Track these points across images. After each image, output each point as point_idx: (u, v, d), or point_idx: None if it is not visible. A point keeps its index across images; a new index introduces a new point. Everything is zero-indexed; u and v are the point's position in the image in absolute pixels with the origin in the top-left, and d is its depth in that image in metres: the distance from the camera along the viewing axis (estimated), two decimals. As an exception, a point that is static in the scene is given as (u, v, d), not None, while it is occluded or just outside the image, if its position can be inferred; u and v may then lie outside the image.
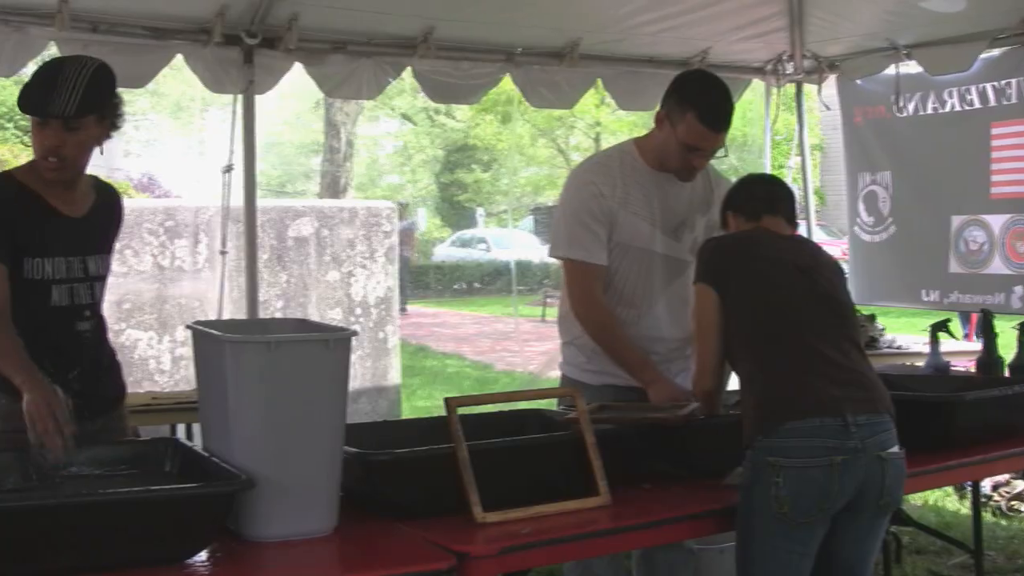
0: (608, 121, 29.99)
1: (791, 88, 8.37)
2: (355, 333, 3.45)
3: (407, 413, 11.24)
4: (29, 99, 3.79)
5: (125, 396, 4.28)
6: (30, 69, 6.44)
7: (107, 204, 4.12)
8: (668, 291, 4.71)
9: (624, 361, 4.56)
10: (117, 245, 4.21)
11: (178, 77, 26.58)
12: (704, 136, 4.46)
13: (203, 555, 3.10)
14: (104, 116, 3.86)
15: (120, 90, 4.00)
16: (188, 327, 3.59)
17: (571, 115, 29.01)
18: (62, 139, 3.77)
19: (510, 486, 3.54)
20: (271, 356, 3.20)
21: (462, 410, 3.58)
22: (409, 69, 7.02)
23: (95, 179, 4.15)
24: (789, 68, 8.00)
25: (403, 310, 23.97)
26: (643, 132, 4.83)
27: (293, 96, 34.99)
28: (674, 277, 4.71)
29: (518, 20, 6.87)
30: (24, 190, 3.88)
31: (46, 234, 3.88)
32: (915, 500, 7.75)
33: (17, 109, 4.03)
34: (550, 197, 33.96)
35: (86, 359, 4.00)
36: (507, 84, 7.55)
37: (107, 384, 4.15)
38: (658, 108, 4.61)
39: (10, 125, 18.21)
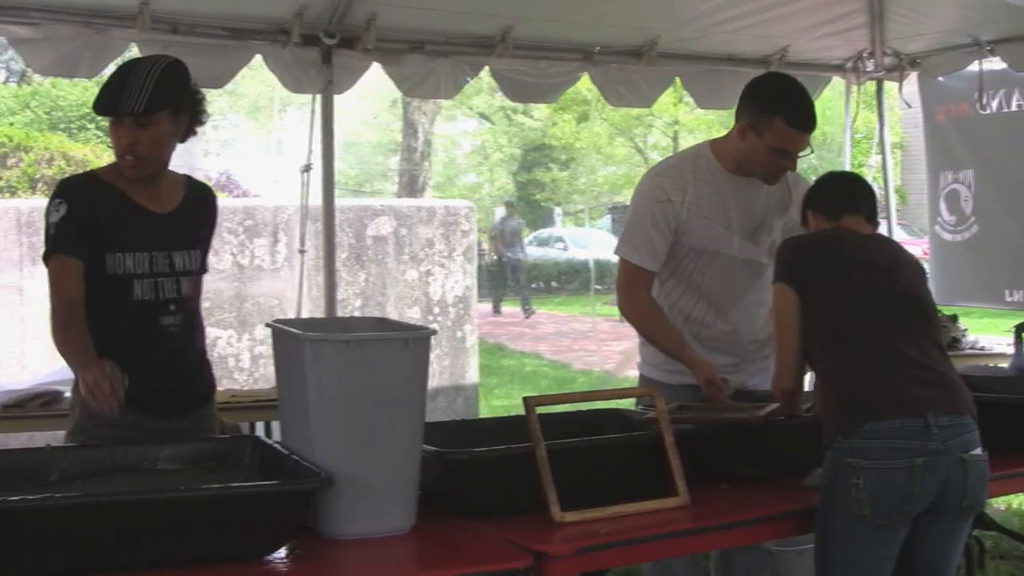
0: (686, 119, 29.88)
1: (871, 86, 8.29)
2: (434, 332, 3.46)
3: (484, 412, 11.24)
4: (101, 100, 3.87)
5: (215, 393, 4.32)
6: (111, 71, 6.53)
7: (198, 201, 4.17)
8: (747, 294, 4.69)
9: (665, 347, 4.59)
10: (202, 244, 4.25)
11: (256, 77, 26.77)
12: (794, 139, 4.43)
13: (282, 552, 3.13)
14: (178, 111, 3.91)
15: (205, 90, 4.04)
16: (268, 325, 3.61)
17: (649, 114, 28.92)
18: (136, 136, 3.84)
19: (588, 486, 3.53)
20: (351, 355, 3.21)
21: (540, 409, 3.58)
22: (487, 68, 7.02)
23: (188, 178, 4.22)
24: (869, 65, 7.91)
25: (496, 311, 23.57)
26: (722, 130, 4.80)
27: (371, 96, 35.14)
28: (752, 280, 4.69)
29: (596, 18, 6.85)
30: (107, 187, 3.95)
31: (129, 229, 3.93)
32: (999, 504, 7.65)
33: None
34: (627, 196, 33.81)
35: (170, 354, 4.04)
36: (585, 83, 7.54)
37: (197, 381, 4.20)
38: (736, 119, 4.56)
39: (92, 126, 18.39)
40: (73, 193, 3.94)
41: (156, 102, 3.80)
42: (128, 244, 3.92)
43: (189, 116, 3.99)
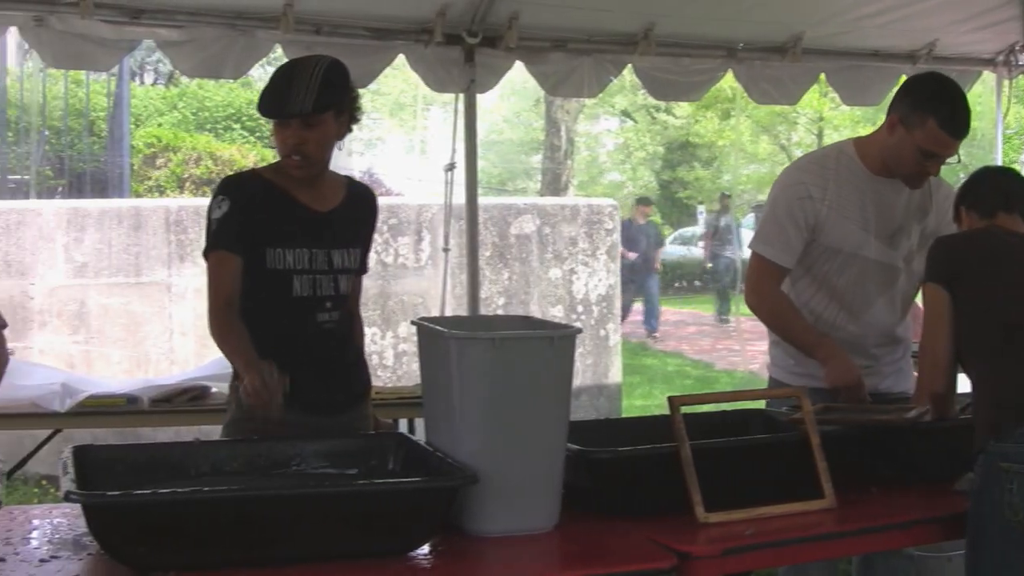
0: (831, 116, 29.47)
1: (1023, 80, 8.11)
2: (579, 330, 3.45)
3: (627, 411, 11.21)
4: (267, 102, 3.93)
5: (370, 392, 4.37)
6: (256, 72, 6.61)
7: (358, 201, 4.23)
8: (882, 297, 4.60)
9: (799, 342, 4.52)
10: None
11: (398, 76, 26.96)
12: (944, 143, 4.31)
13: (425, 548, 3.14)
14: (341, 111, 3.98)
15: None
16: (414, 323, 3.63)
17: (793, 111, 28.56)
18: (303, 137, 3.90)
19: (733, 486, 3.49)
20: (496, 353, 3.21)
21: (684, 409, 3.55)
22: (629, 66, 7.00)
23: (348, 178, 4.28)
24: (1022, 59, 7.73)
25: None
26: (868, 127, 4.72)
27: (513, 94, 35.25)
28: (888, 284, 4.60)
29: (740, 15, 6.79)
30: (269, 185, 4.03)
31: (290, 226, 4.01)
32: None
33: (244, 110, 4.16)
34: (774, 195, 33.48)
35: (327, 351, 4.10)
36: (728, 80, 7.48)
37: (353, 379, 4.26)
38: (888, 113, 4.47)
39: (237, 126, 18.69)
40: (236, 190, 4.03)
41: (322, 103, 3.87)
42: (289, 240, 3.99)
43: (349, 116, 4.06)
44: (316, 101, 3.84)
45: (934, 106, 4.30)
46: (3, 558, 3.05)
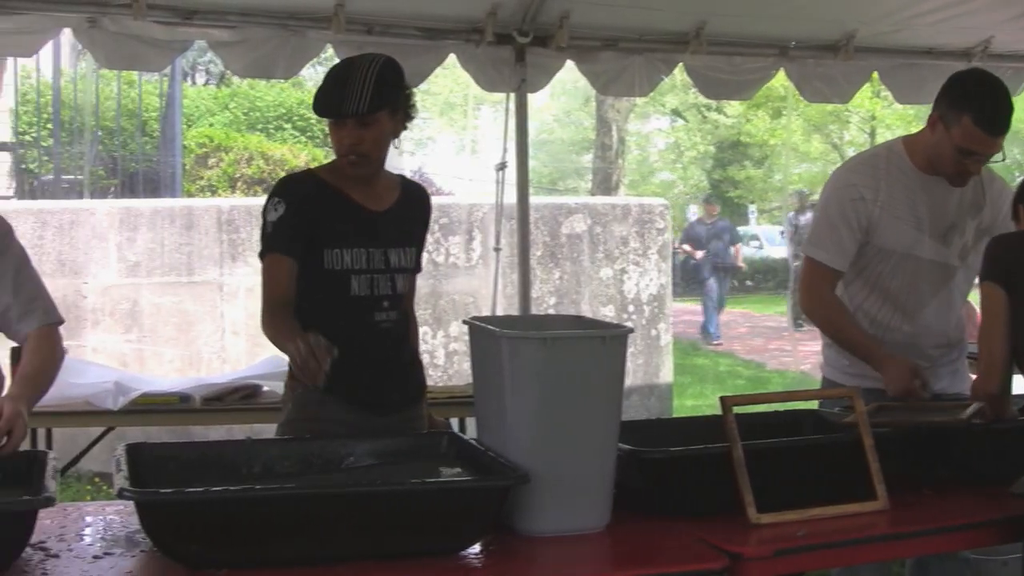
0: (883, 114, 29.29)
1: (1082, 77, 8.00)
2: (631, 330, 3.44)
3: (678, 411, 11.18)
4: (322, 102, 3.96)
5: (425, 392, 4.38)
6: (307, 72, 6.63)
7: (413, 200, 4.25)
8: (936, 297, 4.56)
9: (855, 348, 4.48)
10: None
11: (448, 75, 27.01)
12: (980, 140, 4.25)
13: (477, 548, 3.13)
14: (396, 109, 3.99)
15: None
16: (465, 322, 3.63)
17: (845, 109, 28.41)
18: (359, 136, 3.92)
19: (785, 487, 3.47)
20: (548, 352, 3.20)
21: (737, 409, 3.53)
22: (681, 65, 6.98)
23: (402, 177, 4.30)
24: (1079, 56, 7.64)
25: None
26: (920, 126, 4.66)
27: (563, 93, 35.26)
28: (942, 283, 4.56)
29: (791, 13, 6.74)
30: (325, 185, 4.05)
31: (346, 226, 4.03)
32: None
33: (295, 110, 4.18)
34: (824, 194, 33.35)
35: (383, 351, 4.12)
36: (779, 78, 7.43)
37: (408, 379, 4.26)
38: (932, 110, 4.44)
39: (288, 126, 18.77)
40: (292, 192, 4.04)
41: (377, 102, 3.88)
42: (345, 240, 4.01)
43: (403, 114, 4.08)
44: (371, 101, 3.85)
45: (970, 103, 4.25)
46: (57, 554, 3.07)
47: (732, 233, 21.28)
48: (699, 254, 20.32)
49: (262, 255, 4.00)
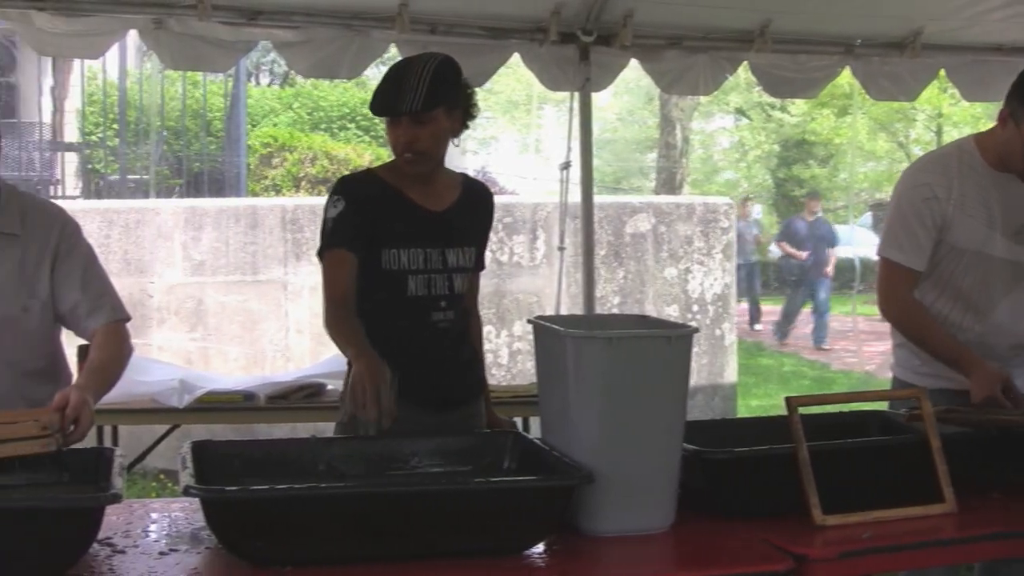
0: (950, 112, 29.02)
1: None
2: (696, 330, 3.42)
3: (742, 412, 11.13)
4: (379, 101, 3.96)
5: (485, 391, 4.38)
6: (370, 72, 6.65)
7: (474, 199, 4.24)
8: (1008, 296, 4.50)
9: (939, 353, 4.42)
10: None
11: (511, 74, 26.99)
12: None
13: (540, 547, 3.13)
14: (454, 107, 3.99)
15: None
16: (530, 322, 3.63)
17: (911, 107, 28.15)
18: (415, 134, 3.92)
19: (850, 489, 3.44)
20: (613, 352, 3.20)
21: (802, 409, 3.51)
22: (745, 63, 6.94)
23: (464, 176, 4.30)
24: None
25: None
26: (988, 124, 4.60)
27: (626, 92, 35.17)
28: (1014, 282, 4.50)
29: (857, 10, 6.67)
30: (384, 185, 4.06)
31: (404, 226, 4.04)
32: None
33: (358, 110, 4.20)
34: (889, 193, 33.04)
35: (440, 349, 4.12)
36: (845, 76, 7.37)
37: (466, 378, 4.27)
38: (1001, 105, 4.39)
39: (352, 125, 18.85)
40: (351, 190, 4.06)
41: (432, 99, 3.88)
42: (403, 240, 4.02)
43: (463, 112, 4.07)
44: (426, 98, 3.86)
45: None
46: (123, 550, 3.09)
47: (831, 235, 20.07)
48: (803, 255, 19.50)
49: (321, 252, 4.02)
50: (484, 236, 4.32)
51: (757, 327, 21.48)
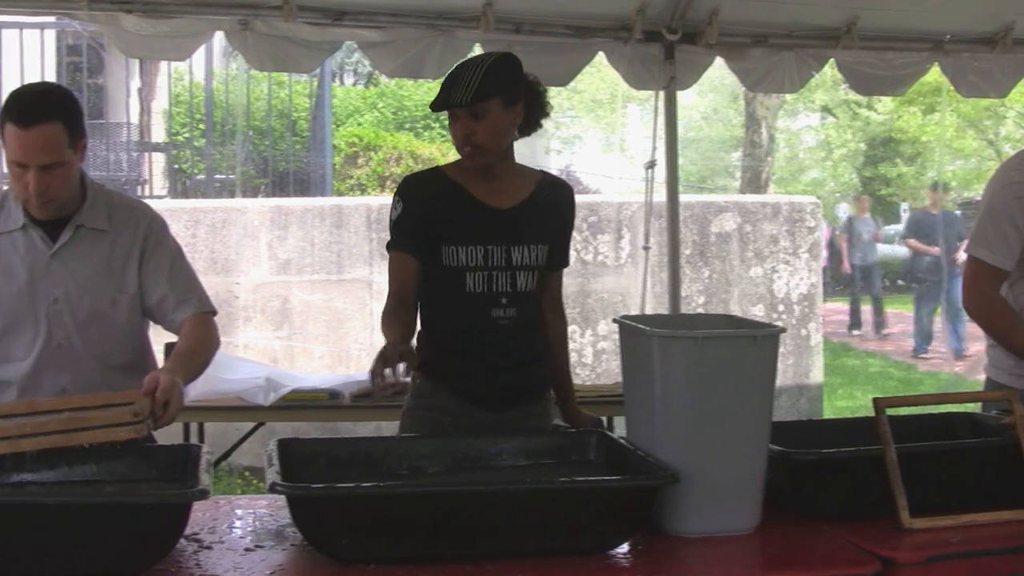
0: (1042, 108, 28.64)
1: None
2: (783, 330, 3.40)
3: (827, 413, 11.05)
4: (437, 97, 3.99)
5: (549, 392, 4.35)
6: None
7: (549, 197, 4.22)
8: None
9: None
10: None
11: (595, 73, 26.94)
12: None
13: (624, 547, 3.12)
14: (512, 101, 3.98)
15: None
16: (615, 321, 3.62)
17: (1001, 104, 27.76)
18: (470, 127, 3.93)
19: (939, 492, 3.40)
20: (699, 351, 3.19)
21: (889, 411, 3.47)
22: (831, 61, 6.88)
23: (543, 174, 4.28)
24: None
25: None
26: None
27: (711, 90, 34.99)
28: None
29: (946, 6, 6.59)
30: (448, 182, 4.08)
31: (464, 224, 4.04)
32: None
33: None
34: (978, 191, 32.66)
35: (500, 347, 4.11)
36: (933, 73, 7.28)
37: (529, 377, 4.23)
38: None
39: (436, 125, 18.88)
40: (410, 191, 4.09)
41: (485, 91, 3.88)
42: (462, 237, 4.03)
43: (527, 108, 4.07)
44: (477, 90, 3.87)
45: None
46: (209, 546, 3.12)
47: (960, 226, 18.89)
48: (934, 249, 18.20)
49: (388, 251, 4.10)
50: (562, 234, 4.30)
51: (884, 332, 20.26)
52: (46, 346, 3.83)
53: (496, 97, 3.92)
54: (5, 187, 3.91)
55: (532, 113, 4.12)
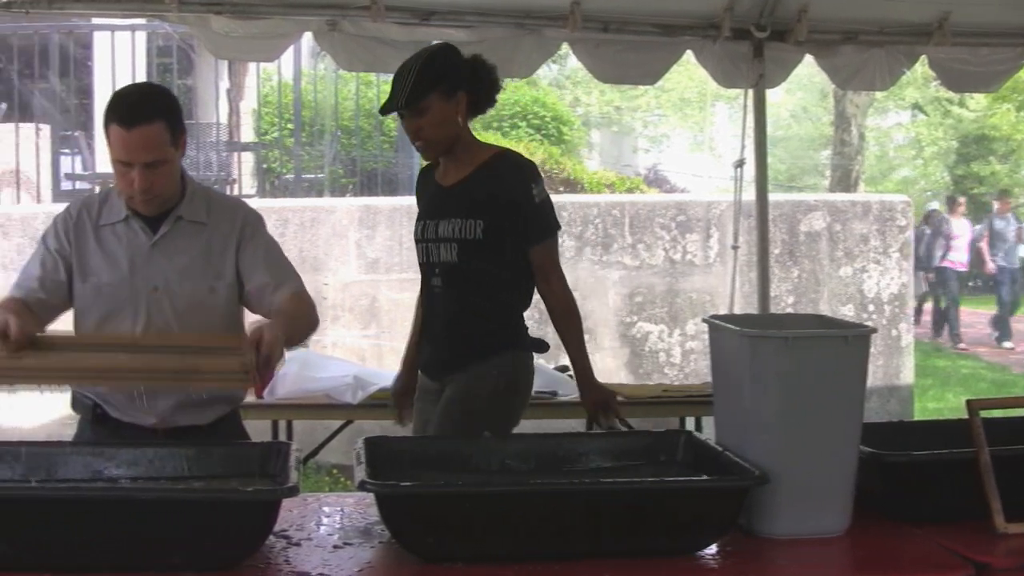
0: None
1: None
2: (874, 330, 3.38)
3: (918, 414, 10.92)
4: (384, 103, 4.34)
5: (485, 359, 4.41)
6: (542, 71, 6.66)
7: (492, 174, 4.40)
8: None
9: None
10: (629, 239, 4.35)
11: (682, 72, 26.83)
12: None
13: (713, 548, 3.11)
14: (451, 91, 4.27)
15: (626, 87, 4.14)
16: (704, 320, 3.61)
17: (1097, 101, 27.41)
18: (417, 125, 4.28)
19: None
20: (790, 352, 3.17)
21: (983, 413, 3.42)
22: (923, 58, 6.79)
23: (497, 152, 4.49)
24: None
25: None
26: None
27: (799, 88, 34.73)
28: None
29: (1042, 0, 6.50)
30: (432, 166, 4.59)
31: (422, 201, 4.58)
32: None
33: (529, 108, 4.31)
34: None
35: (435, 315, 4.49)
36: (1027, 69, 7.18)
37: (453, 345, 4.45)
38: None
39: (523, 124, 18.89)
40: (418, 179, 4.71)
41: (421, 89, 4.21)
42: (419, 214, 4.52)
43: (474, 90, 4.37)
44: (412, 91, 4.20)
45: None
46: (298, 543, 3.15)
47: None
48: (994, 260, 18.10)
49: None
50: (510, 209, 4.37)
51: (1006, 344, 19.25)
52: (146, 333, 3.89)
53: (433, 92, 4.23)
54: (111, 184, 4.01)
55: (481, 94, 4.41)
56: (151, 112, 3.72)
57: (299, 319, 3.89)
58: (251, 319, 3.88)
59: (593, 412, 4.50)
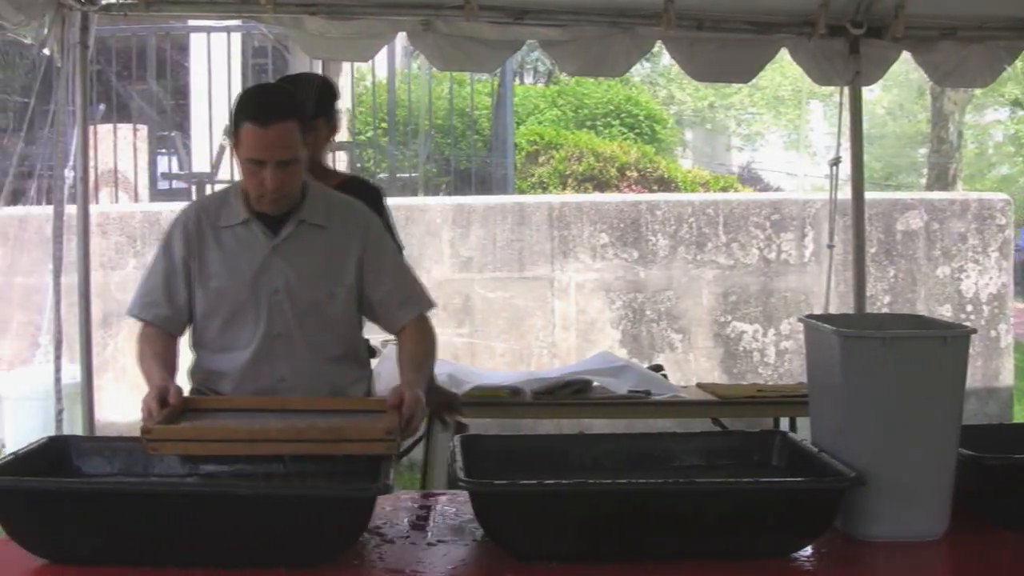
0: None
1: None
2: (974, 331, 3.33)
3: (1018, 417, 10.76)
4: None
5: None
6: (635, 69, 6.65)
7: None
8: None
9: None
10: (724, 238, 4.31)
11: (776, 69, 26.64)
12: None
13: (808, 551, 3.09)
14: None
15: (719, 85, 4.12)
16: (800, 320, 3.59)
17: None
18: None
19: None
20: (886, 352, 3.14)
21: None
22: (1024, 53, 6.70)
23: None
24: None
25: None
26: None
27: (895, 86, 34.35)
28: None
29: None
30: None
31: None
32: None
33: (623, 107, 4.27)
34: None
35: None
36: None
37: None
38: None
39: (616, 122, 18.85)
40: None
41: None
42: None
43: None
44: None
45: None
46: (392, 540, 3.17)
47: None
48: None
49: None
50: None
51: None
52: (267, 335, 3.98)
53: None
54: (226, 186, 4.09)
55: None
56: (285, 111, 3.83)
57: (429, 360, 4.03)
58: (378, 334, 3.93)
59: (436, 410, 4.98)
